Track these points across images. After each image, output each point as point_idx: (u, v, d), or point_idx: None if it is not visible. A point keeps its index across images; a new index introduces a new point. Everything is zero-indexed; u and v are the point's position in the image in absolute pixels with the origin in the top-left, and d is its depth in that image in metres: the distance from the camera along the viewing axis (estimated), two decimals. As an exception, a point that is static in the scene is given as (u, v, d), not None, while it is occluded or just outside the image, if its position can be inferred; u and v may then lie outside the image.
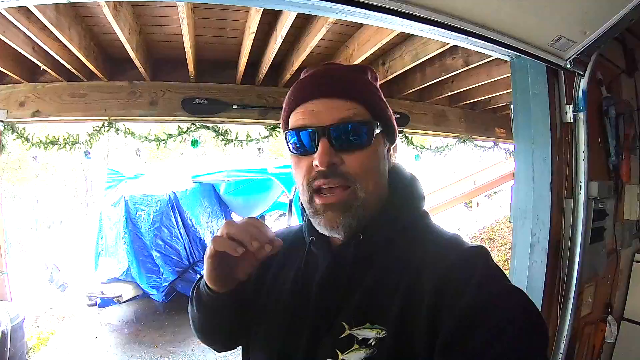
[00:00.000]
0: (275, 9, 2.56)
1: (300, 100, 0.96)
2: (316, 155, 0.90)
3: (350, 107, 0.92)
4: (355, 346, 0.86)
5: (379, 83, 1.06)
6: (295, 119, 0.96)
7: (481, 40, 1.80)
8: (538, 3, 1.65)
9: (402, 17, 1.56)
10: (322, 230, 0.96)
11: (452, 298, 0.78)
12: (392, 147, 1.05)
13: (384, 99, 1.02)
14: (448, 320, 0.77)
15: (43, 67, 3.88)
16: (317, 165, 0.90)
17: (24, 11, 2.81)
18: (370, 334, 0.85)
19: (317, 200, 0.94)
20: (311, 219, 0.98)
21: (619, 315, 2.82)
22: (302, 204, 1.02)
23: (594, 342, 2.58)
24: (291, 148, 0.97)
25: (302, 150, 0.95)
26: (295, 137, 0.95)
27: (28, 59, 3.69)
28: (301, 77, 1.03)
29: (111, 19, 2.84)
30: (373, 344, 0.85)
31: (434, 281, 0.82)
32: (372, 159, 0.94)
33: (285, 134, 0.98)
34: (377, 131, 0.95)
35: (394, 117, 1.04)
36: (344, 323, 0.89)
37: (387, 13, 1.53)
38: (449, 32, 1.70)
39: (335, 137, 0.90)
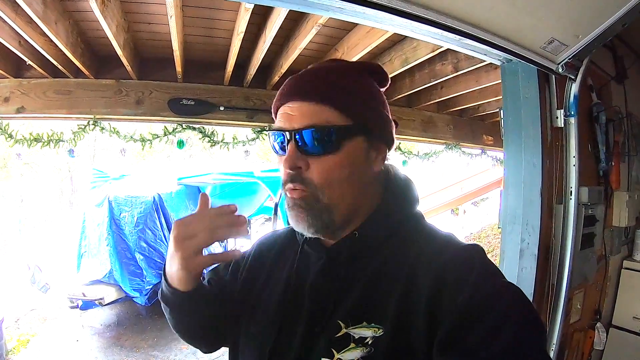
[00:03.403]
0: (264, 4, 2.53)
1: (281, 101, 0.97)
2: (283, 158, 0.94)
3: (320, 112, 0.91)
4: (352, 345, 0.86)
5: None
6: (276, 120, 0.98)
7: (473, 41, 1.78)
8: (532, 3, 1.63)
9: (394, 14, 1.53)
10: (291, 224, 0.99)
11: (450, 295, 0.79)
12: (381, 151, 1.01)
13: (377, 102, 1.02)
14: (446, 318, 0.77)
15: (29, 62, 3.81)
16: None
17: (11, 3, 2.74)
18: (367, 332, 0.85)
19: (288, 194, 0.96)
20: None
21: (607, 322, 2.83)
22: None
23: (582, 349, 2.58)
24: (273, 148, 1.00)
25: (279, 151, 0.97)
26: (273, 139, 0.98)
27: (13, 53, 3.62)
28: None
29: (98, 14, 2.78)
30: (370, 342, 0.84)
31: (431, 279, 0.83)
32: (339, 165, 0.92)
33: (269, 134, 1.00)
34: (353, 137, 0.93)
35: (388, 120, 1.03)
36: (340, 322, 0.88)
37: (378, 9, 1.51)
38: (441, 31, 1.67)
39: (301, 142, 0.91)
